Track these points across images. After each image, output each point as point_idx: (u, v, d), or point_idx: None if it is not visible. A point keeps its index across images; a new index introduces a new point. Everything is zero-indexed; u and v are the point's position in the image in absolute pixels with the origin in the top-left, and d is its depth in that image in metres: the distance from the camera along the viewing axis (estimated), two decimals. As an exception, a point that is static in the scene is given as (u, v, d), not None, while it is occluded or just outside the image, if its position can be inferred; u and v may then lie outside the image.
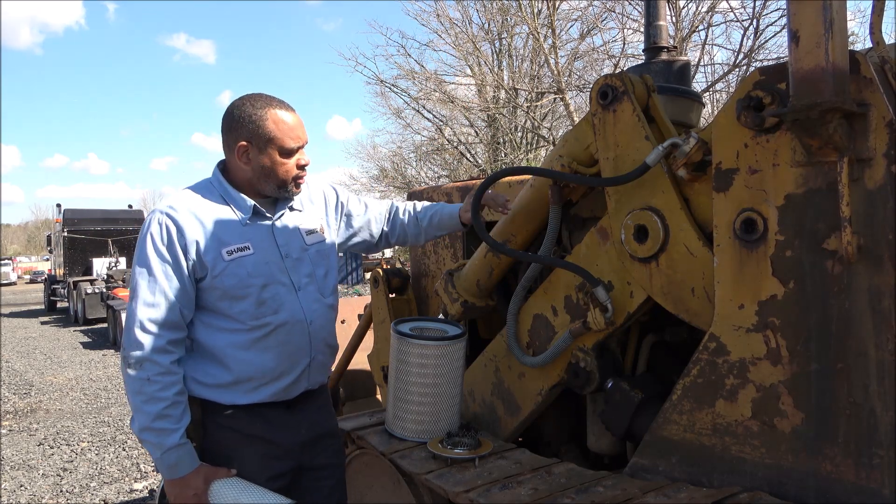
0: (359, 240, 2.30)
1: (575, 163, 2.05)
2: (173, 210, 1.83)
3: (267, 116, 1.85)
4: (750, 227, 1.59)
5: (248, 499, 1.77)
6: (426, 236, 2.38)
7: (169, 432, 1.75)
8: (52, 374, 10.08)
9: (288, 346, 1.91)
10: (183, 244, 1.80)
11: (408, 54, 19.35)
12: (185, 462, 1.78)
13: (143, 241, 1.82)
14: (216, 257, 1.82)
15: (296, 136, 1.89)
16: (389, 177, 23.14)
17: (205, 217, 1.85)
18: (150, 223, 1.82)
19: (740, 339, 1.63)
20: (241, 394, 1.87)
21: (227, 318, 1.86)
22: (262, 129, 1.85)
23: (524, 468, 1.91)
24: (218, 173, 1.95)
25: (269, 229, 1.94)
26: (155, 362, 1.75)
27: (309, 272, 1.98)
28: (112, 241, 19.57)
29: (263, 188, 1.92)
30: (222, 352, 1.85)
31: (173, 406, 1.77)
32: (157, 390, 1.75)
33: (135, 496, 4.89)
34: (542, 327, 2.19)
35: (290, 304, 1.91)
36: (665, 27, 2.54)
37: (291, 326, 1.90)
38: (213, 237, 1.83)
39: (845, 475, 1.46)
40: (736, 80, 12.94)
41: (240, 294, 1.84)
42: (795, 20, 1.36)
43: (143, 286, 1.78)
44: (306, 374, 1.97)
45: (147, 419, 1.75)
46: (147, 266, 1.79)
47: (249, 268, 1.85)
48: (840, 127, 1.39)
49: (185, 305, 1.82)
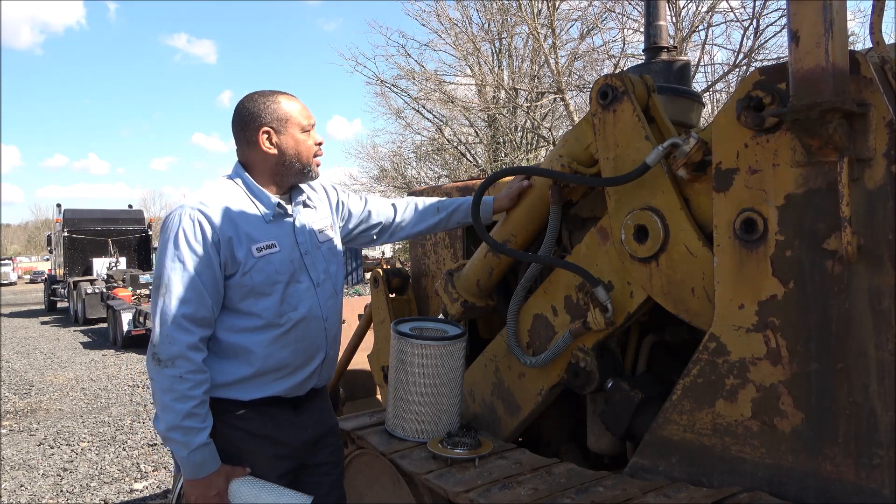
0: (358, 232, 2.34)
1: (575, 163, 2.06)
2: (204, 206, 1.83)
3: (278, 100, 1.95)
4: (750, 227, 1.59)
5: (268, 496, 1.79)
6: (451, 223, 2.41)
7: (197, 431, 1.75)
8: (52, 374, 10.08)
9: (305, 342, 1.93)
10: (216, 240, 1.81)
11: (408, 54, 19.36)
12: (210, 461, 1.78)
13: (174, 236, 1.80)
14: (247, 254, 1.84)
15: (307, 115, 1.99)
16: (389, 177, 23.14)
17: (234, 213, 1.87)
18: (181, 218, 1.81)
19: (740, 339, 1.63)
20: (257, 388, 1.87)
21: (247, 316, 1.86)
22: (277, 112, 1.93)
23: (524, 468, 1.91)
24: (241, 170, 1.97)
25: (291, 226, 1.97)
26: (188, 359, 1.74)
27: (324, 268, 2.02)
28: (112, 241, 19.57)
29: (287, 173, 1.96)
30: (245, 350, 1.86)
31: (201, 405, 1.77)
32: (188, 388, 1.74)
33: (135, 496, 4.88)
34: (542, 327, 2.19)
35: (309, 301, 1.94)
36: (665, 27, 2.54)
37: (309, 322, 1.93)
38: (245, 233, 1.86)
39: (845, 475, 1.46)
40: (736, 80, 12.94)
41: (266, 291, 1.86)
42: (795, 20, 1.36)
43: (177, 281, 1.77)
44: (319, 370, 2.00)
45: (176, 418, 1.73)
46: (181, 261, 1.78)
47: (276, 265, 1.88)
48: (840, 127, 1.39)
49: (216, 302, 1.83)
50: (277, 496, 1.80)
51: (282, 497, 1.80)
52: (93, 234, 19.52)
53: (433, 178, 21.73)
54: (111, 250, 19.37)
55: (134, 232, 20.13)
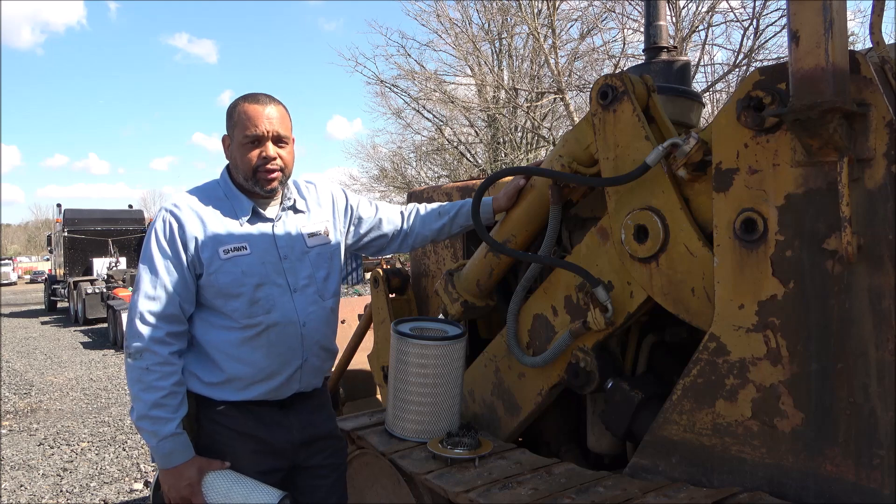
0: (369, 240, 2.31)
1: (575, 163, 2.06)
2: (177, 208, 1.91)
3: (237, 107, 1.93)
4: (750, 227, 1.59)
5: (240, 489, 1.81)
6: (455, 227, 2.37)
7: (165, 421, 1.80)
8: (52, 374, 10.08)
9: (278, 347, 1.93)
10: (183, 240, 1.87)
11: (408, 54, 19.36)
12: (180, 452, 1.82)
13: (149, 236, 1.91)
14: (213, 255, 1.88)
15: (254, 125, 1.88)
16: (389, 177, 23.15)
17: (206, 215, 1.92)
18: (156, 220, 1.91)
19: (740, 339, 1.63)
20: (232, 391, 1.91)
21: (221, 316, 1.90)
22: (233, 118, 1.93)
23: (524, 468, 1.91)
24: (225, 173, 2.02)
25: (270, 230, 1.97)
26: (153, 352, 1.81)
27: (308, 274, 2.00)
28: (112, 241, 19.57)
29: (243, 182, 1.96)
30: (216, 350, 1.90)
31: (170, 396, 1.82)
32: (154, 379, 1.80)
33: (135, 496, 4.88)
34: (542, 327, 2.19)
35: (284, 305, 1.93)
36: (665, 27, 2.54)
37: (283, 327, 1.92)
38: (212, 235, 1.89)
39: (845, 475, 1.46)
40: (736, 80, 12.95)
41: (233, 292, 1.88)
42: (795, 20, 1.36)
43: (146, 280, 1.86)
44: (298, 376, 1.98)
45: (145, 407, 1.80)
46: (150, 261, 1.87)
47: (244, 267, 1.89)
48: (840, 127, 1.39)
49: (185, 299, 1.88)
50: (249, 490, 1.82)
51: (254, 491, 1.81)
52: (93, 234, 19.53)
53: (433, 178, 21.73)
54: (111, 250, 19.38)
55: (134, 232, 20.12)
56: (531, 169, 2.22)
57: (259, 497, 1.80)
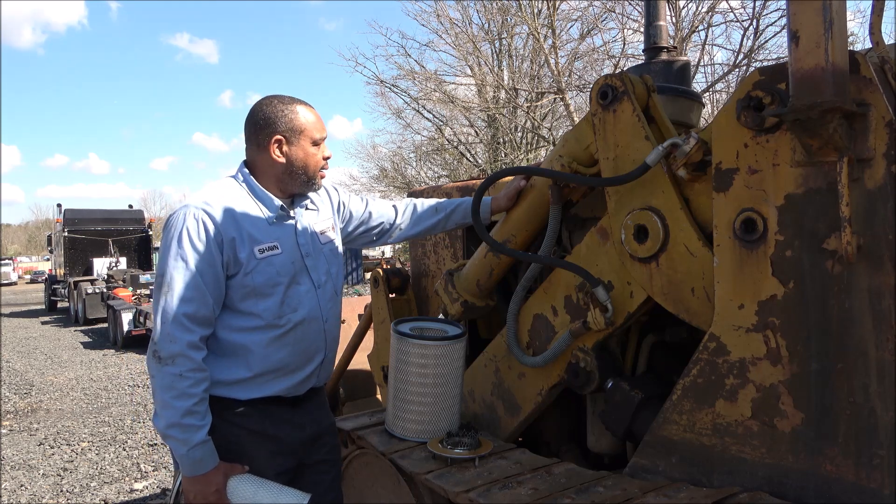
0: (358, 234, 2.35)
1: (575, 163, 2.06)
2: (209, 206, 1.85)
3: (297, 111, 1.95)
4: (750, 227, 1.59)
5: (266, 494, 1.80)
6: (450, 224, 2.42)
7: (196, 429, 1.77)
8: (52, 374, 10.08)
9: (304, 343, 1.95)
10: (219, 240, 1.82)
11: (408, 54, 19.39)
12: (209, 459, 1.79)
13: (178, 234, 1.81)
14: (250, 255, 1.86)
15: (321, 128, 1.99)
16: (389, 177, 23.16)
17: (238, 214, 1.89)
18: (186, 217, 1.82)
19: (740, 339, 1.63)
20: (256, 387, 1.89)
21: (247, 316, 1.88)
22: (294, 122, 1.93)
23: (524, 468, 1.91)
24: (246, 172, 1.99)
25: (293, 229, 1.98)
26: (188, 357, 1.76)
27: (326, 270, 2.03)
28: (112, 241, 19.57)
29: (293, 182, 1.97)
30: (243, 349, 1.87)
31: (201, 402, 1.78)
32: (188, 386, 1.75)
33: (135, 496, 4.89)
34: (542, 327, 2.19)
35: (310, 303, 1.95)
36: (665, 27, 2.54)
37: (309, 324, 1.95)
38: (247, 234, 1.87)
39: (845, 475, 1.46)
40: (736, 80, 12.94)
41: (267, 292, 1.87)
42: (795, 20, 1.36)
43: (179, 280, 1.78)
44: (318, 371, 2.02)
45: (176, 415, 1.75)
46: (184, 259, 1.79)
47: (278, 266, 1.89)
48: (840, 127, 1.39)
49: (218, 302, 1.84)
50: (275, 494, 1.80)
51: (279, 495, 1.81)
52: (93, 234, 19.53)
53: (433, 178, 21.74)
54: (111, 250, 19.38)
55: (134, 232, 20.13)
56: (531, 169, 2.22)
57: (286, 498, 1.79)
